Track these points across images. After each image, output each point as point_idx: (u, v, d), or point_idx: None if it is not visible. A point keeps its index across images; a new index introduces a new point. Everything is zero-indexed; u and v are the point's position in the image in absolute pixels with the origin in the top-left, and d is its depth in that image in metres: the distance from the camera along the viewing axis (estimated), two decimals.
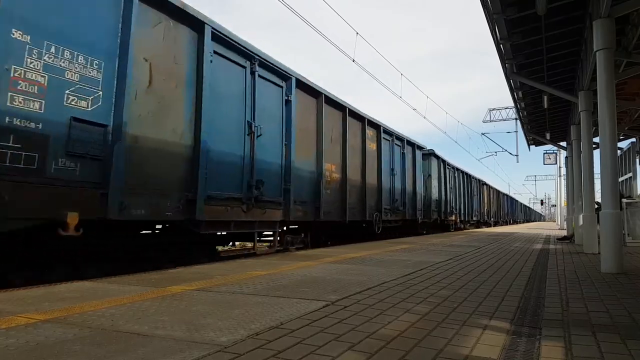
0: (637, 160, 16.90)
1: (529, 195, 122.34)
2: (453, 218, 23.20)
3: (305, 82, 9.55)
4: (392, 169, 14.42)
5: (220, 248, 8.80)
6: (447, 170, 22.23)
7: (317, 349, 2.38)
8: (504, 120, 33.21)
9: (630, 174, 16.75)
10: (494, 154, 38.67)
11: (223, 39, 7.11)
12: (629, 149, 17.25)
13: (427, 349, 2.41)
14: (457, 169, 24.85)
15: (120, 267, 5.95)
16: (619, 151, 16.76)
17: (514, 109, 23.49)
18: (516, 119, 28.12)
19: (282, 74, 8.80)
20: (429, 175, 19.18)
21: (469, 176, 27.92)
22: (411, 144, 16.39)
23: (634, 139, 17.02)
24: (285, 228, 9.37)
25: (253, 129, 7.76)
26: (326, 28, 13.33)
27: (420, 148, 17.58)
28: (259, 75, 8.03)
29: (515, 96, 12.66)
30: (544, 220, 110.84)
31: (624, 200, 11.53)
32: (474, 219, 29.20)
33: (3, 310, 3.12)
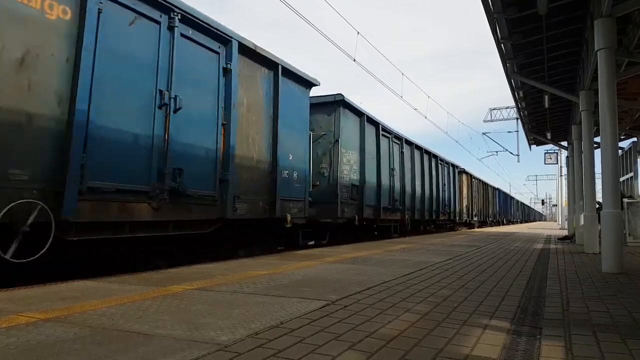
0: (638, 160, 16.87)
1: (530, 195, 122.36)
2: (398, 217, 15.01)
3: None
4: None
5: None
6: (382, 139, 13.68)
7: (317, 348, 2.39)
8: (505, 119, 33.20)
9: (632, 174, 16.71)
10: (495, 153, 38.65)
11: None
12: (630, 148, 17.21)
13: (427, 349, 2.41)
14: (406, 140, 16.00)
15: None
16: (620, 151, 16.73)
17: (514, 109, 23.46)
18: (517, 118, 28.10)
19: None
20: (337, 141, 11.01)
21: (429, 155, 18.84)
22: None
23: (635, 139, 16.99)
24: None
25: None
26: (327, 28, 13.28)
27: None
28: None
29: (516, 96, 12.65)
30: (545, 220, 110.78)
31: (625, 200, 11.52)
32: (442, 218, 20.78)
33: (4, 310, 3.13)
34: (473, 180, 28.43)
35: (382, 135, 13.76)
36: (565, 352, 2.42)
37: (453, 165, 23.22)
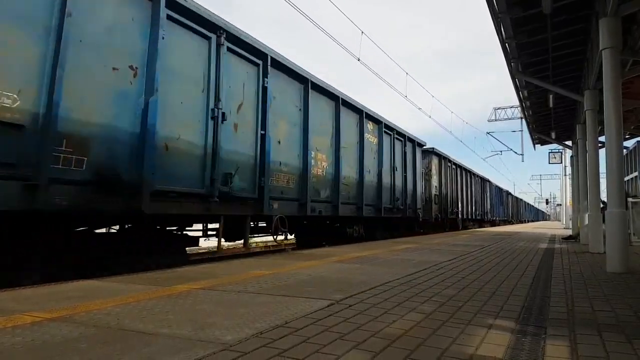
0: None
1: (534, 194, 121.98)
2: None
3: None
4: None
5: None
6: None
7: (321, 347, 2.39)
8: (509, 119, 33.13)
9: (636, 173, 16.65)
10: (499, 153, 38.57)
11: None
12: (634, 148, 17.15)
13: (432, 348, 2.41)
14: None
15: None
16: (624, 150, 16.65)
17: (519, 108, 23.38)
18: (521, 118, 28.02)
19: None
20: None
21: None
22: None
23: (639, 138, 16.93)
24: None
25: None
26: (330, 26, 13.28)
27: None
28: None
29: (521, 95, 12.62)
30: (548, 220, 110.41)
31: (630, 199, 11.46)
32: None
33: (9, 309, 3.14)
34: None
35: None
36: (570, 352, 2.41)
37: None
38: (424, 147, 17.73)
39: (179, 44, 6.44)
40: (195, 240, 7.79)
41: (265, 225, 8.89)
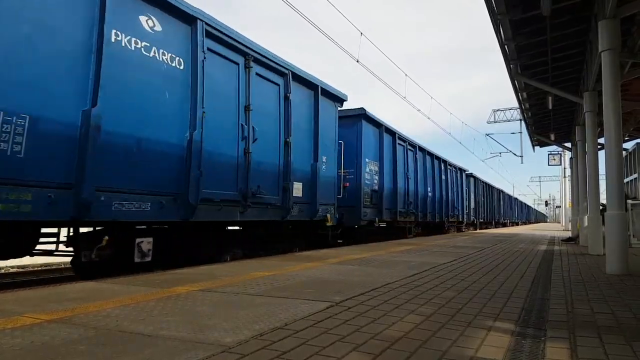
0: None
1: (533, 196, 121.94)
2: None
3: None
4: None
5: None
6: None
7: (321, 349, 2.39)
8: (509, 121, 33.09)
9: (636, 175, 16.63)
10: (499, 154, 38.51)
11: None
12: (634, 149, 17.14)
13: (431, 350, 2.41)
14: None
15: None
16: (624, 152, 16.65)
17: (518, 110, 23.41)
18: (521, 119, 28.01)
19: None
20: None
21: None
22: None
23: (639, 140, 16.92)
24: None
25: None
26: (330, 27, 13.28)
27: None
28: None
29: (520, 97, 12.62)
30: (547, 221, 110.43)
31: (629, 201, 11.47)
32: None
33: (9, 310, 3.14)
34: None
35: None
36: (570, 354, 2.41)
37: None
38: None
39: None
40: None
41: None
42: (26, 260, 9.47)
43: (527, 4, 7.48)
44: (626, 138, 16.74)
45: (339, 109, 10.99)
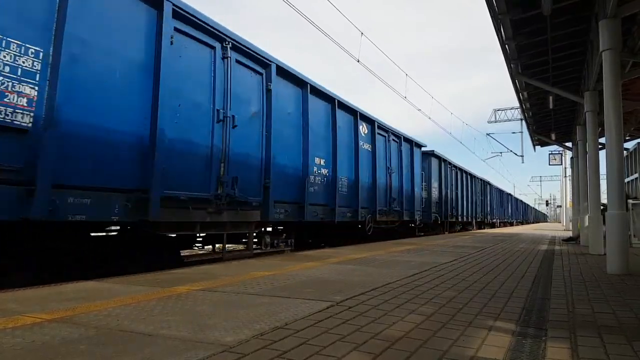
0: None
1: (534, 195, 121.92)
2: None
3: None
4: None
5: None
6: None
7: (321, 349, 2.38)
8: (509, 120, 33.11)
9: (637, 175, 16.63)
10: (499, 154, 38.49)
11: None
12: (635, 149, 17.13)
13: (432, 350, 2.41)
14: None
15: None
16: (625, 152, 16.65)
17: (519, 110, 23.36)
18: (521, 119, 28.02)
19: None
20: None
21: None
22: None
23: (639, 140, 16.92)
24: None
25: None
26: (331, 26, 13.26)
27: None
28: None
29: (521, 97, 12.61)
30: (547, 221, 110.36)
31: (630, 201, 11.46)
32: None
33: (9, 310, 3.14)
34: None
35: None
36: (570, 353, 2.41)
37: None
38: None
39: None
40: None
41: None
42: None
43: (527, 4, 7.48)
44: (627, 138, 16.74)
45: None
